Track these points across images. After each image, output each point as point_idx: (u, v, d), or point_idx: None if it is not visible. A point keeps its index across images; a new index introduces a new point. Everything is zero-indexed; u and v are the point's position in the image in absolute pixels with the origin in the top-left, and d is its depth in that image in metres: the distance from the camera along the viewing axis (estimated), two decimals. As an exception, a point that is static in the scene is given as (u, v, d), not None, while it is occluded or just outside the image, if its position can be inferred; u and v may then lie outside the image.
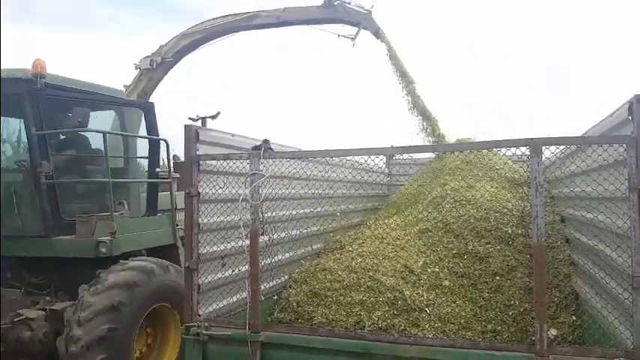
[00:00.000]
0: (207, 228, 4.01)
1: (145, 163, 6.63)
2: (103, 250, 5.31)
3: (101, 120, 6.29)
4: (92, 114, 5.53)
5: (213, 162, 4.01)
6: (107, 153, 5.54)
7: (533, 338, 3.10)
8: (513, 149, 3.24)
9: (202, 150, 4.00)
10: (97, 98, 6.09)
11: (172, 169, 6.25)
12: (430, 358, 3.24)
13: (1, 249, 5.46)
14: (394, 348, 3.34)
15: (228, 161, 4.05)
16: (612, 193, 3.17)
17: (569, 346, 3.50)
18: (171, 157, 6.26)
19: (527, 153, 3.12)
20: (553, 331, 3.97)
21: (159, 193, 6.43)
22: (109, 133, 5.93)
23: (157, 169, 6.46)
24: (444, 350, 3.23)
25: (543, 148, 3.15)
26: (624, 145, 2.93)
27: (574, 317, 4.31)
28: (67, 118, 5.68)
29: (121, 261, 5.31)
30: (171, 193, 6.23)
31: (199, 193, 3.91)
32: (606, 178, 3.24)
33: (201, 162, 3.93)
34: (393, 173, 8.97)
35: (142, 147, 6.57)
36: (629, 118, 2.96)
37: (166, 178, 6.32)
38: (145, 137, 6.46)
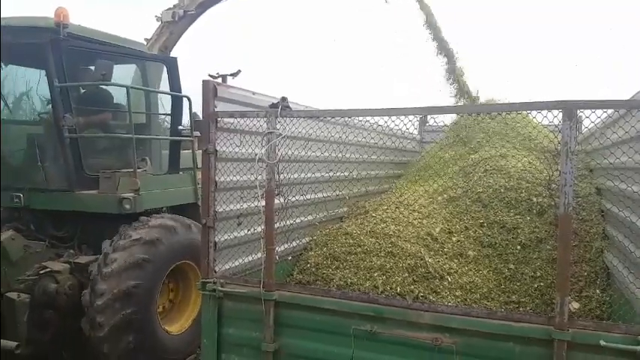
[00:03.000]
0: (224, 186, 3.97)
1: (167, 120, 6.52)
2: (127, 206, 5.36)
3: (123, 74, 6.16)
4: (115, 67, 5.44)
5: (231, 119, 3.93)
6: (130, 108, 5.49)
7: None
8: (545, 112, 3.01)
9: (221, 107, 3.90)
10: (120, 51, 5.92)
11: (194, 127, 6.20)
12: (444, 326, 3.12)
13: (25, 201, 5.56)
14: (407, 313, 3.24)
15: (245, 119, 3.96)
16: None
17: (591, 320, 3.32)
18: (192, 115, 6.18)
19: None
20: (575, 305, 3.78)
21: (181, 152, 6.38)
22: (132, 87, 5.85)
23: (180, 127, 6.37)
24: (458, 319, 3.11)
25: (579, 113, 2.90)
26: (667, 110, 2.68)
27: (598, 292, 4.10)
28: (89, 70, 5.61)
29: (142, 218, 5.34)
30: (193, 152, 6.19)
31: (217, 150, 3.85)
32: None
33: (218, 119, 3.84)
34: (426, 140, 8.70)
35: (164, 103, 6.49)
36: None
37: (189, 136, 6.27)
38: (167, 93, 6.35)
